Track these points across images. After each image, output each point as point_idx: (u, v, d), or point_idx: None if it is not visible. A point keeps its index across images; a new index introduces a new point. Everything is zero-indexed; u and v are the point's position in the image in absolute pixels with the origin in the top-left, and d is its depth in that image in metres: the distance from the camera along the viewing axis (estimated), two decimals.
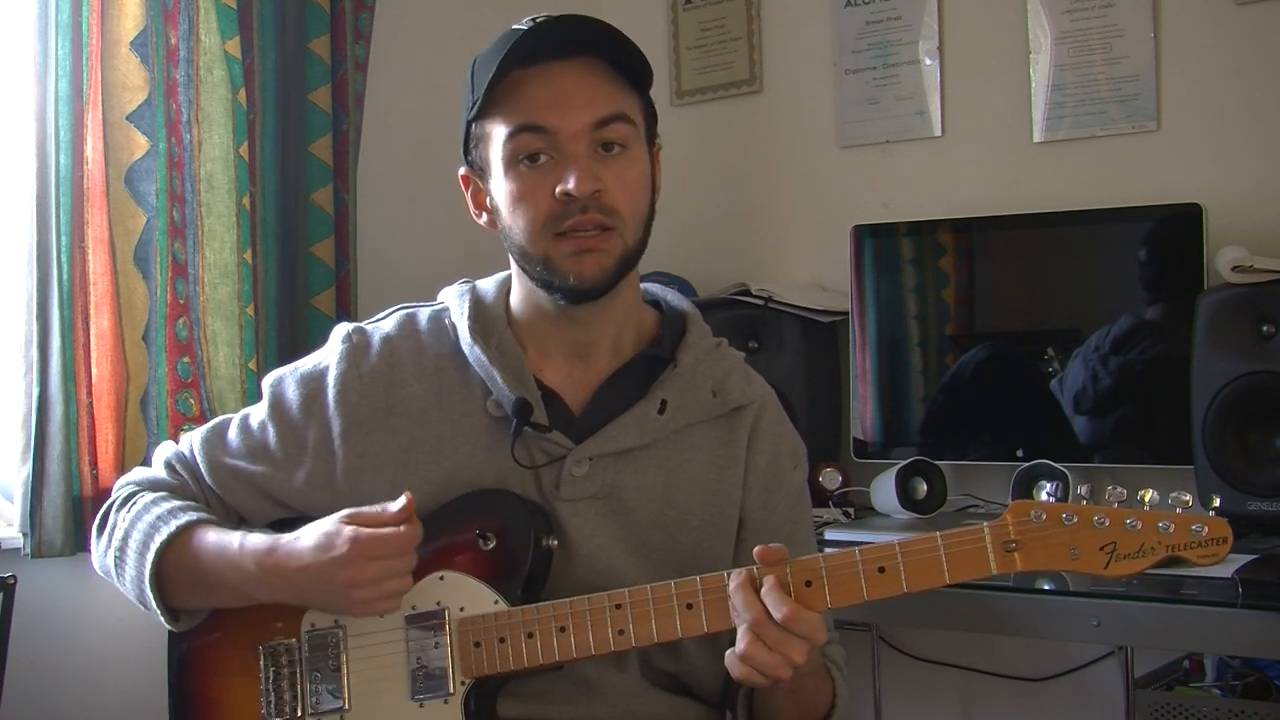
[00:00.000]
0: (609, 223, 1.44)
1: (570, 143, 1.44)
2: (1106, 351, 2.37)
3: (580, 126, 1.44)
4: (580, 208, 1.43)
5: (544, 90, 1.44)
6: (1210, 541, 1.27)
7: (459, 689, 1.45)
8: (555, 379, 1.54)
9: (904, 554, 1.34)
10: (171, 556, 1.49)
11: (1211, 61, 2.45)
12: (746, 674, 1.34)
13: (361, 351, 1.56)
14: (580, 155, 1.44)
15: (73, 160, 2.17)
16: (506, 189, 1.47)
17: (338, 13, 2.54)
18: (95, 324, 2.20)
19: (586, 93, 1.45)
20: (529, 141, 1.44)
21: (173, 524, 1.50)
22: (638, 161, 1.49)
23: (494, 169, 1.49)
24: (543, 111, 1.44)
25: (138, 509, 1.55)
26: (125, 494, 1.60)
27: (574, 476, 1.50)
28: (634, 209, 1.47)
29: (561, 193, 1.43)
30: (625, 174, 1.46)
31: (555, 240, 1.44)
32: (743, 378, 1.59)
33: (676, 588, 1.39)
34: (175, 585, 1.51)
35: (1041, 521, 1.31)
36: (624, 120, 1.46)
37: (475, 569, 1.46)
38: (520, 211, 1.46)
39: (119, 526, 1.56)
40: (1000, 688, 2.68)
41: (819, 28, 2.89)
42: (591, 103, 1.45)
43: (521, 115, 1.45)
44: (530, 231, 1.46)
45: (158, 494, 1.57)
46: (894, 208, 2.77)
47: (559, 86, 1.45)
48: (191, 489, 1.59)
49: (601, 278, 1.46)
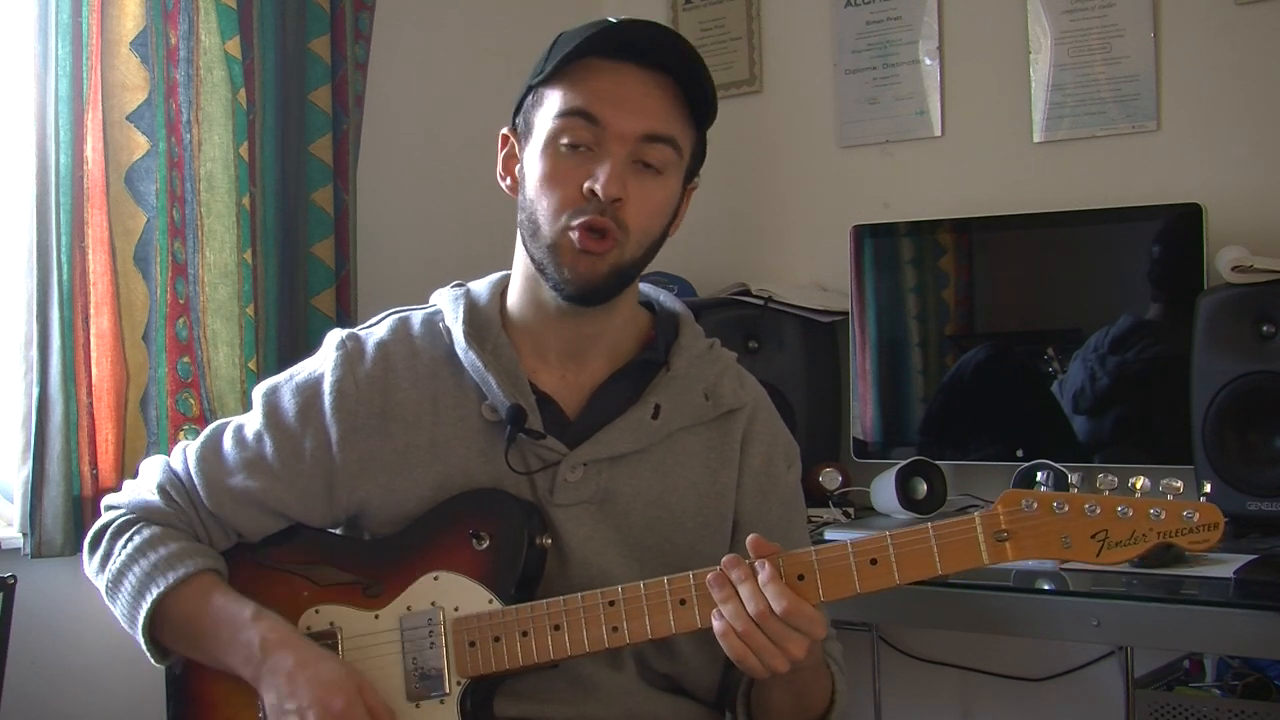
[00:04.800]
0: (616, 233, 1.44)
1: (614, 143, 1.44)
2: (1105, 351, 2.37)
3: (629, 131, 1.44)
4: (598, 208, 1.43)
5: (611, 84, 1.45)
6: (1201, 527, 1.28)
7: (455, 689, 1.45)
8: (549, 382, 1.54)
9: (895, 545, 1.35)
10: (168, 604, 1.49)
11: (1211, 61, 2.45)
12: (743, 652, 1.34)
13: (356, 358, 1.55)
14: (618, 160, 1.44)
15: (73, 160, 2.17)
16: (540, 166, 1.47)
17: (338, 13, 2.54)
18: (95, 324, 2.20)
19: (648, 103, 1.45)
20: (576, 126, 1.45)
21: (170, 576, 1.49)
22: (668, 189, 1.49)
23: (535, 139, 1.49)
24: (601, 103, 1.44)
25: (135, 547, 1.52)
26: (122, 520, 1.56)
27: (568, 482, 1.50)
28: (644, 228, 1.47)
29: (589, 189, 1.43)
30: (651, 195, 1.47)
31: (567, 231, 1.45)
32: (735, 380, 1.60)
33: (669, 584, 1.40)
34: (167, 630, 1.51)
35: (1033, 510, 1.31)
36: (671, 145, 1.47)
37: (469, 569, 1.46)
38: (545, 190, 1.46)
39: (114, 558, 1.53)
40: (1000, 688, 2.68)
41: (819, 28, 2.89)
42: (649, 115, 1.45)
43: (580, 99, 1.45)
44: (550, 215, 1.46)
45: (155, 530, 1.53)
46: (894, 208, 2.77)
47: (626, 87, 1.45)
48: (188, 515, 1.55)
49: (591, 279, 1.46)
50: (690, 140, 1.51)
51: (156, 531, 1.53)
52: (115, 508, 1.59)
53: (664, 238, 1.53)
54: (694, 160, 1.54)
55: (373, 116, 2.65)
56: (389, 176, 2.75)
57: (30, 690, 2.11)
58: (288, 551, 1.56)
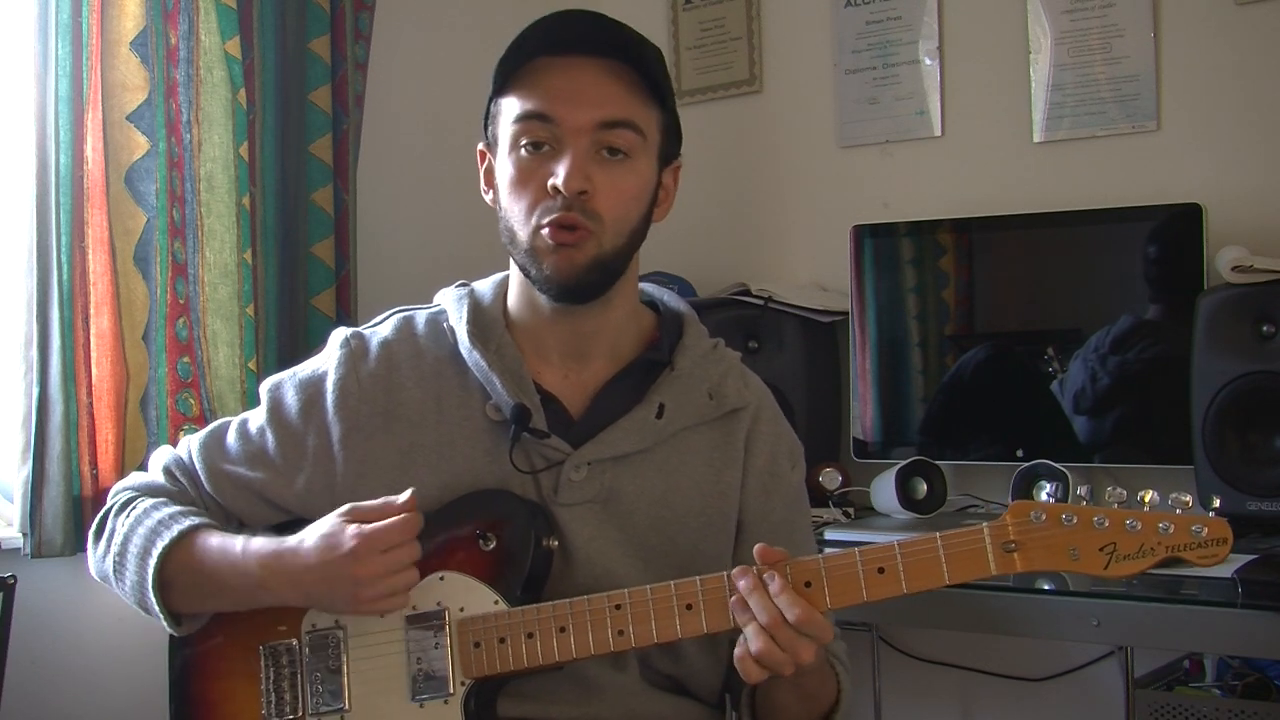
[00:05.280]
0: (587, 225, 1.44)
1: (571, 136, 1.44)
2: (1106, 351, 2.37)
3: (585, 123, 1.44)
4: (565, 204, 1.43)
5: (560, 80, 1.45)
6: (1210, 542, 1.27)
7: (459, 689, 1.45)
8: (553, 382, 1.54)
9: (903, 554, 1.35)
10: (173, 562, 1.49)
11: (1211, 61, 2.45)
12: (758, 674, 1.35)
13: (360, 356, 1.55)
14: (578, 152, 1.44)
15: (73, 160, 2.17)
16: (508, 171, 1.48)
17: (338, 13, 2.54)
18: (95, 324, 2.20)
19: (600, 91, 1.45)
20: (534, 128, 1.45)
21: (174, 529, 1.50)
22: (637, 173, 1.48)
23: (501, 148, 1.50)
24: (553, 101, 1.44)
25: (137, 514, 1.54)
26: (123, 500, 1.59)
27: (572, 481, 1.50)
28: (618, 215, 1.46)
29: (552, 186, 1.43)
30: (620, 181, 1.46)
31: (539, 231, 1.45)
32: (739, 379, 1.60)
33: (676, 589, 1.40)
34: (177, 590, 1.51)
35: (1041, 522, 1.31)
36: (631, 128, 1.46)
37: (475, 569, 1.46)
38: (515, 195, 1.47)
39: (118, 532, 1.55)
40: (1000, 688, 2.68)
41: (819, 28, 2.89)
42: (602, 103, 1.45)
43: (533, 101, 1.45)
44: (522, 218, 1.46)
45: (156, 499, 1.56)
46: (894, 208, 2.77)
47: (576, 81, 1.45)
48: (190, 494, 1.58)
49: (571, 273, 1.45)
50: (656, 120, 1.49)
51: (158, 500, 1.56)
52: (119, 492, 1.61)
53: (646, 224, 1.52)
54: (667, 140, 1.52)
55: (373, 116, 2.65)
56: (389, 176, 2.75)
57: (30, 690, 2.11)
58: None
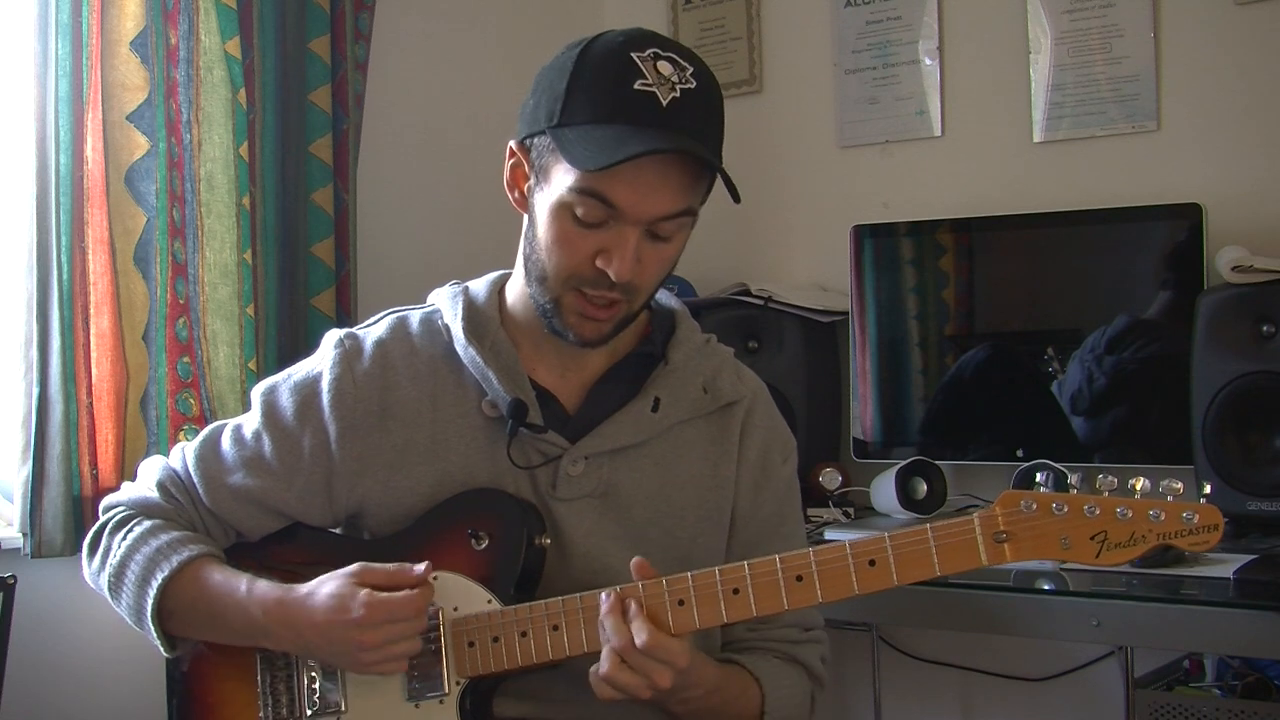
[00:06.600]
0: (623, 300, 1.45)
1: (630, 226, 1.40)
2: (1101, 352, 2.37)
3: (646, 216, 1.41)
4: (609, 285, 1.42)
5: (630, 172, 1.37)
6: (1201, 529, 1.27)
7: (454, 689, 1.45)
8: (549, 378, 1.55)
9: (894, 546, 1.35)
10: (173, 593, 1.49)
11: (1211, 61, 2.45)
12: (610, 695, 1.36)
13: (354, 356, 1.55)
14: (632, 242, 1.40)
15: (73, 160, 2.17)
16: (552, 227, 1.43)
17: (338, 13, 2.54)
18: (95, 324, 2.20)
19: (668, 185, 1.40)
20: (593, 209, 1.39)
21: (174, 560, 1.49)
22: (677, 246, 1.47)
23: (548, 191, 1.43)
24: (619, 190, 1.38)
25: (135, 537, 1.52)
26: (119, 517, 1.57)
27: (570, 476, 1.50)
28: (653, 284, 1.48)
29: (599, 266, 1.41)
30: (661, 255, 1.45)
31: (572, 293, 1.44)
32: (733, 373, 1.60)
33: (668, 584, 1.40)
34: (176, 620, 1.51)
35: (1032, 511, 1.31)
36: (688, 214, 1.44)
37: (468, 569, 1.47)
38: (554, 251, 1.44)
39: (114, 552, 1.53)
40: (1000, 688, 2.68)
41: (819, 28, 2.89)
42: (666, 198, 1.40)
43: (597, 182, 1.38)
44: (556, 273, 1.44)
45: (154, 521, 1.54)
46: (894, 208, 2.77)
47: (646, 176, 1.38)
48: (188, 512, 1.56)
49: (597, 339, 1.48)
50: (704, 192, 1.46)
51: (156, 523, 1.54)
52: (113, 507, 1.59)
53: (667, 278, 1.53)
54: None
55: (373, 116, 2.65)
56: (389, 176, 2.75)
57: (30, 690, 2.11)
58: (288, 551, 1.56)
